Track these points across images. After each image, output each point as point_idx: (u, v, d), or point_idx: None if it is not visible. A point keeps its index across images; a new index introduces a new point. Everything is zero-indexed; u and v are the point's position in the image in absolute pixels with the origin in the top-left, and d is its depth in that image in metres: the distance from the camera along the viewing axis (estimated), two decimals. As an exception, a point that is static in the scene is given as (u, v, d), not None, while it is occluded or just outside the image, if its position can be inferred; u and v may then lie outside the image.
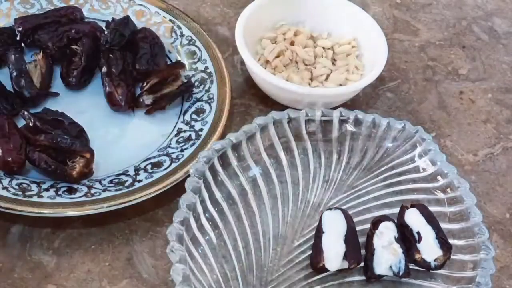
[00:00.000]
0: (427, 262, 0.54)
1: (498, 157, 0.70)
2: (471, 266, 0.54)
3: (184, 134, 0.63)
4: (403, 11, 0.84)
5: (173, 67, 0.67)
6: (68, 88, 0.66)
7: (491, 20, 0.84)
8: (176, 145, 0.62)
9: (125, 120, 0.65)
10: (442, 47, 0.80)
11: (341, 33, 0.74)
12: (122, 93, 0.64)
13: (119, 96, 0.64)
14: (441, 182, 0.59)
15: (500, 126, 0.72)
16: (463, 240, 0.56)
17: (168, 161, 0.60)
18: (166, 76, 0.65)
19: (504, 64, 0.79)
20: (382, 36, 0.70)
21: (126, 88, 0.64)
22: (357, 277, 0.56)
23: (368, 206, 0.60)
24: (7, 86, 0.63)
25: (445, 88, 0.76)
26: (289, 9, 0.74)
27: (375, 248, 0.55)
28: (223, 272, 0.53)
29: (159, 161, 0.60)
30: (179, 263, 0.47)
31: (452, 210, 0.58)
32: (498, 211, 0.65)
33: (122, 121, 0.65)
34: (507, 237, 0.63)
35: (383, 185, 0.61)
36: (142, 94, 0.64)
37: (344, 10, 0.74)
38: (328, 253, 0.54)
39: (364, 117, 0.62)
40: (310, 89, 0.66)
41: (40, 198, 0.55)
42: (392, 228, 0.55)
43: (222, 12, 0.79)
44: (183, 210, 0.51)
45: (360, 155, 0.62)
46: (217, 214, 0.55)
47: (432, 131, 0.70)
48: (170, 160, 0.60)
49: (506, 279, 0.59)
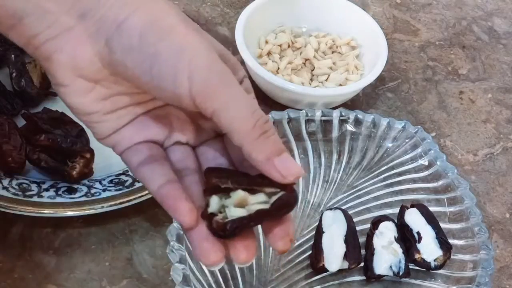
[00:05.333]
0: (427, 262, 0.54)
1: (498, 157, 0.70)
2: (471, 266, 0.54)
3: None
4: (403, 11, 0.84)
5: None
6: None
7: (491, 20, 0.84)
8: (176, 145, 0.62)
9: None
10: (442, 47, 0.80)
11: (341, 33, 0.74)
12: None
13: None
14: (441, 182, 0.59)
15: (500, 126, 0.72)
16: (463, 240, 0.56)
17: (168, 161, 0.60)
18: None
19: (504, 64, 0.79)
20: (382, 36, 0.70)
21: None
22: (357, 277, 0.56)
23: (368, 206, 0.60)
24: (7, 86, 0.63)
25: (445, 88, 0.76)
26: (289, 9, 0.74)
27: (375, 248, 0.55)
28: (223, 272, 0.53)
29: (159, 161, 0.60)
30: (179, 263, 0.47)
31: (452, 210, 0.58)
32: (498, 211, 0.65)
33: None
34: (507, 237, 0.63)
35: (383, 185, 0.61)
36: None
37: (344, 10, 0.74)
38: (328, 253, 0.54)
39: (364, 117, 0.62)
40: (310, 89, 0.66)
41: (40, 198, 0.55)
42: (392, 228, 0.56)
43: (222, 12, 0.79)
44: (183, 210, 0.51)
45: (360, 155, 0.62)
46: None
47: (432, 131, 0.70)
48: (170, 160, 0.60)
49: (506, 279, 0.59)
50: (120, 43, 0.36)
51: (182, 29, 0.36)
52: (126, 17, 0.36)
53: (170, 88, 0.35)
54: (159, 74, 0.35)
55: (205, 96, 0.35)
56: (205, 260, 0.37)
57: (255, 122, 0.35)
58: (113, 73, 0.38)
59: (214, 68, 0.36)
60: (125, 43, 0.36)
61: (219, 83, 0.35)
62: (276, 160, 0.35)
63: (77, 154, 0.57)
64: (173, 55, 0.35)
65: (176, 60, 0.35)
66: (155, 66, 0.35)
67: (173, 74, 0.35)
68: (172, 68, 0.35)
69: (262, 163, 0.35)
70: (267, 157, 0.35)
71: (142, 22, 0.36)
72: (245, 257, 0.37)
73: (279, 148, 0.36)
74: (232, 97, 0.35)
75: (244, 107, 0.35)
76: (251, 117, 0.35)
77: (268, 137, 0.36)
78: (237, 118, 0.35)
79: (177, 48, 0.35)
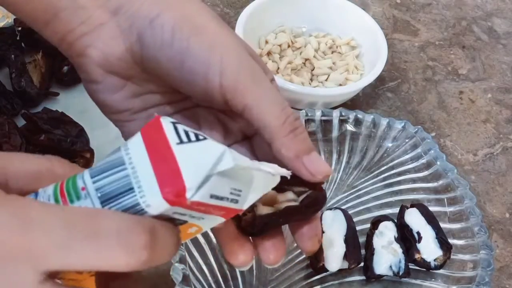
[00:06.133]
0: (427, 262, 0.54)
1: (497, 157, 0.70)
2: (471, 266, 0.54)
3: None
4: (403, 11, 0.84)
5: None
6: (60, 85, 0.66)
7: (491, 20, 0.84)
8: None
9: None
10: (442, 47, 0.80)
11: (341, 33, 0.74)
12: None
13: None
14: (441, 182, 0.59)
15: (500, 126, 0.73)
16: (463, 240, 0.56)
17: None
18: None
19: (503, 64, 0.79)
20: (382, 36, 0.70)
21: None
22: (357, 277, 0.56)
23: (368, 206, 0.60)
24: (7, 86, 0.63)
25: (445, 88, 0.76)
26: (289, 9, 0.74)
27: (375, 248, 0.55)
28: (223, 272, 0.53)
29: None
30: (179, 263, 0.47)
31: (452, 210, 0.58)
32: (497, 211, 0.65)
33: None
34: (507, 237, 0.63)
35: (383, 185, 0.61)
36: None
37: (344, 10, 0.74)
38: (328, 253, 0.54)
39: (364, 117, 0.62)
40: (310, 89, 0.66)
41: (40, 198, 0.55)
42: (392, 228, 0.56)
43: (222, 12, 0.79)
44: (183, 210, 0.51)
45: (360, 155, 0.62)
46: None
47: (432, 131, 0.70)
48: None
49: (506, 279, 0.59)
50: (152, 38, 0.36)
51: (213, 26, 0.36)
52: (159, 13, 0.36)
53: (202, 83, 0.36)
54: (191, 70, 0.36)
55: (236, 91, 0.35)
56: (234, 260, 0.37)
57: (286, 119, 0.35)
58: (145, 70, 0.38)
59: (245, 64, 0.36)
60: (158, 38, 0.36)
61: (250, 79, 0.35)
62: (305, 158, 0.35)
63: (77, 154, 0.57)
64: (205, 51, 0.35)
65: (207, 55, 0.35)
66: (186, 62, 0.35)
67: (204, 69, 0.35)
68: (203, 64, 0.35)
69: (291, 159, 0.35)
70: (297, 154, 0.35)
71: (175, 18, 0.36)
72: (274, 258, 0.37)
73: (308, 146, 0.36)
74: (263, 92, 0.35)
75: (274, 103, 0.35)
76: (281, 113, 0.35)
77: (298, 135, 0.36)
78: (268, 113, 0.35)
79: (208, 44, 0.35)
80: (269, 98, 0.35)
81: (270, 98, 0.35)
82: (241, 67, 0.35)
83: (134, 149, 0.30)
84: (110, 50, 0.37)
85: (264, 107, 0.35)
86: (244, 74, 0.35)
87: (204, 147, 0.30)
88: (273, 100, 0.35)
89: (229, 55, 0.35)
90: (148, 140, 0.30)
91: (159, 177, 0.29)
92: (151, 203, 0.29)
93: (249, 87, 0.35)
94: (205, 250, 0.53)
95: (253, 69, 0.36)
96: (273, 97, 0.36)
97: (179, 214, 0.30)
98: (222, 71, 0.35)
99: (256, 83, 0.35)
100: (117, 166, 0.30)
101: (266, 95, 0.35)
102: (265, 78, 0.36)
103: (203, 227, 0.33)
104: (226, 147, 0.30)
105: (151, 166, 0.29)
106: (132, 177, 0.29)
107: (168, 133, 0.30)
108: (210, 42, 0.36)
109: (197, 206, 0.29)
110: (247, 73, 0.35)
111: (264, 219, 0.36)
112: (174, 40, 0.35)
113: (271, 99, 0.36)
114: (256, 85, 0.35)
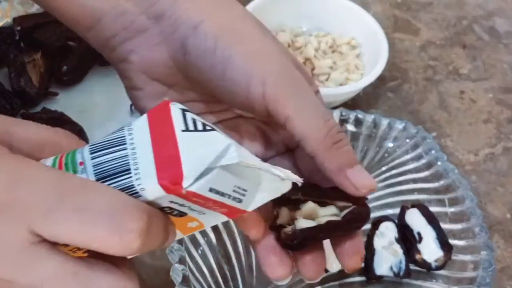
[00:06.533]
0: (427, 263, 0.54)
1: (499, 157, 0.69)
2: (472, 267, 0.54)
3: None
4: (403, 11, 0.84)
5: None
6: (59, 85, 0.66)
7: (492, 20, 0.84)
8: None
9: (124, 120, 0.64)
10: (443, 47, 0.80)
11: (342, 33, 0.74)
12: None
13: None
14: (441, 182, 0.59)
15: (501, 126, 0.72)
16: (463, 241, 0.56)
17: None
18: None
19: (505, 64, 0.79)
20: (382, 36, 0.70)
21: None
22: (358, 277, 0.56)
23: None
24: (6, 86, 0.63)
25: (446, 88, 0.75)
26: (289, 8, 0.73)
27: (376, 248, 0.54)
28: (223, 272, 0.53)
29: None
30: (179, 264, 0.47)
31: (452, 210, 0.58)
32: (499, 211, 0.64)
33: (122, 121, 0.64)
34: (508, 238, 0.62)
35: (383, 185, 0.61)
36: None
37: (344, 9, 0.73)
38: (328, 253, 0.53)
39: (364, 117, 0.61)
40: (310, 89, 0.66)
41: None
42: (393, 229, 0.55)
43: (222, 12, 0.78)
44: (182, 211, 0.51)
45: (360, 155, 0.62)
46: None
47: (432, 131, 0.70)
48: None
49: (507, 280, 0.59)
50: (195, 45, 0.35)
51: (257, 34, 0.36)
52: (202, 20, 0.35)
53: (243, 93, 0.35)
54: (232, 78, 0.35)
55: (278, 101, 0.34)
56: (272, 274, 0.36)
57: (328, 131, 0.34)
58: (187, 77, 0.37)
59: (288, 74, 0.35)
60: (200, 45, 0.35)
61: (293, 89, 0.34)
62: (349, 171, 0.34)
63: (76, 154, 0.57)
64: (247, 60, 0.35)
65: (250, 64, 0.34)
66: (228, 70, 0.35)
67: (246, 78, 0.34)
68: (245, 73, 0.34)
69: (334, 173, 0.34)
70: (340, 168, 0.34)
71: (218, 25, 0.35)
72: (314, 273, 0.36)
73: (352, 159, 0.35)
74: (305, 103, 0.34)
75: (317, 114, 0.35)
76: (324, 126, 0.34)
77: (341, 147, 0.35)
78: (310, 125, 0.34)
79: (251, 53, 0.35)
80: (311, 109, 0.35)
81: (313, 109, 0.35)
82: (284, 77, 0.35)
83: (137, 131, 0.30)
84: (152, 56, 0.37)
85: (305, 119, 0.34)
86: (286, 85, 0.34)
87: (210, 138, 0.29)
88: (316, 112, 0.35)
89: (271, 64, 0.35)
90: (153, 123, 0.30)
91: (158, 162, 0.28)
92: (146, 187, 0.28)
93: (291, 98, 0.34)
94: (205, 250, 0.53)
95: (296, 79, 0.35)
96: (315, 109, 0.35)
97: (177, 204, 0.29)
98: (264, 81, 0.34)
99: (298, 93, 0.35)
100: (117, 145, 0.29)
101: (309, 106, 0.35)
102: (308, 89, 0.35)
103: (204, 223, 0.32)
104: (233, 141, 0.29)
105: (152, 149, 0.29)
106: (131, 158, 0.29)
107: (175, 119, 0.30)
108: (252, 51, 0.35)
109: (194, 197, 0.29)
110: (290, 84, 0.35)
111: (304, 233, 0.35)
112: (216, 48, 0.35)
113: (314, 110, 0.35)
114: (298, 95, 0.35)
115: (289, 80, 0.35)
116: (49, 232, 0.27)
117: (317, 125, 0.34)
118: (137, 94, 0.39)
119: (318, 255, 0.37)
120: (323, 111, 0.35)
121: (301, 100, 0.35)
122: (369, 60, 0.71)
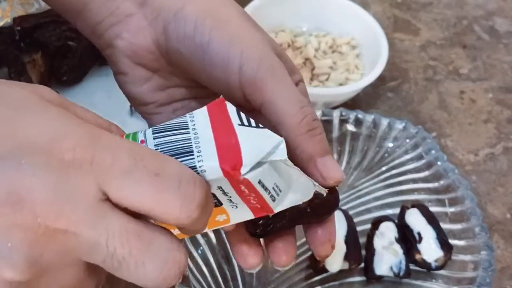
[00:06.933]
0: (427, 263, 0.54)
1: (499, 157, 0.69)
2: (472, 267, 0.54)
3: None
4: (403, 11, 0.84)
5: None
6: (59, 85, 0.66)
7: (492, 20, 0.84)
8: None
9: (124, 120, 0.64)
10: (443, 47, 0.80)
11: (342, 33, 0.74)
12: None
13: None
14: (441, 182, 0.59)
15: (501, 126, 0.72)
16: (463, 241, 0.56)
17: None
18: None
19: (505, 64, 0.79)
20: (382, 36, 0.70)
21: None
22: (358, 277, 0.55)
23: (368, 206, 0.60)
24: (6, 85, 0.63)
25: (446, 88, 0.75)
26: (289, 8, 0.73)
27: (376, 248, 0.54)
28: (223, 272, 0.53)
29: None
30: (179, 264, 0.47)
31: (452, 210, 0.58)
32: (499, 211, 0.64)
33: (121, 121, 0.64)
34: (508, 238, 0.62)
35: (383, 185, 0.61)
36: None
37: (344, 9, 0.73)
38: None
39: (364, 117, 0.61)
40: (310, 89, 0.66)
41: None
42: (393, 229, 0.55)
43: (222, 12, 0.78)
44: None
45: (360, 155, 0.62)
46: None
47: (432, 131, 0.70)
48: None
49: (507, 280, 0.59)
50: (175, 31, 0.36)
51: (237, 20, 0.36)
52: (183, 6, 0.36)
53: (222, 78, 0.35)
54: (211, 63, 0.35)
55: (255, 87, 0.35)
56: (243, 263, 0.37)
57: (303, 117, 0.34)
58: (170, 62, 0.38)
59: (265, 60, 0.35)
60: (180, 31, 0.36)
61: (269, 75, 0.35)
62: (319, 160, 0.34)
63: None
64: (226, 45, 0.35)
65: (228, 50, 0.35)
66: (207, 55, 0.35)
67: (224, 63, 0.35)
68: (223, 58, 0.35)
69: (304, 160, 0.34)
70: (310, 155, 0.34)
71: (198, 11, 0.36)
72: (285, 260, 0.37)
73: (324, 148, 0.35)
74: (281, 89, 0.35)
75: (292, 101, 0.35)
76: (299, 112, 0.34)
77: (315, 135, 0.35)
78: (285, 110, 0.34)
79: (230, 39, 0.35)
80: (287, 95, 0.35)
81: (289, 96, 0.35)
82: (261, 63, 0.35)
83: (199, 118, 0.32)
84: (137, 41, 0.38)
85: (281, 104, 0.34)
86: (264, 70, 0.35)
87: (263, 134, 0.31)
88: (292, 98, 0.35)
89: (249, 50, 0.35)
90: (213, 114, 0.32)
91: (220, 147, 0.30)
92: (207, 168, 0.30)
93: (267, 83, 0.34)
94: (205, 250, 0.53)
95: (274, 65, 0.35)
96: (291, 95, 0.35)
97: (222, 192, 0.31)
98: (242, 66, 0.35)
99: (275, 79, 0.35)
100: (180, 129, 0.31)
101: (285, 92, 0.35)
102: (286, 76, 0.35)
103: (231, 218, 0.33)
104: (283, 138, 0.31)
105: (213, 136, 0.31)
106: (193, 142, 0.30)
107: (232, 113, 0.32)
108: (231, 36, 0.35)
109: (245, 185, 0.30)
110: (267, 69, 0.35)
111: (270, 221, 0.35)
112: (196, 33, 0.35)
113: (290, 96, 0.35)
114: (275, 81, 0.35)
115: (266, 67, 0.35)
116: (120, 192, 0.27)
117: (292, 111, 0.34)
118: (123, 78, 0.39)
119: (289, 243, 0.37)
120: (299, 98, 0.35)
121: (277, 86, 0.35)
122: (369, 60, 0.71)
